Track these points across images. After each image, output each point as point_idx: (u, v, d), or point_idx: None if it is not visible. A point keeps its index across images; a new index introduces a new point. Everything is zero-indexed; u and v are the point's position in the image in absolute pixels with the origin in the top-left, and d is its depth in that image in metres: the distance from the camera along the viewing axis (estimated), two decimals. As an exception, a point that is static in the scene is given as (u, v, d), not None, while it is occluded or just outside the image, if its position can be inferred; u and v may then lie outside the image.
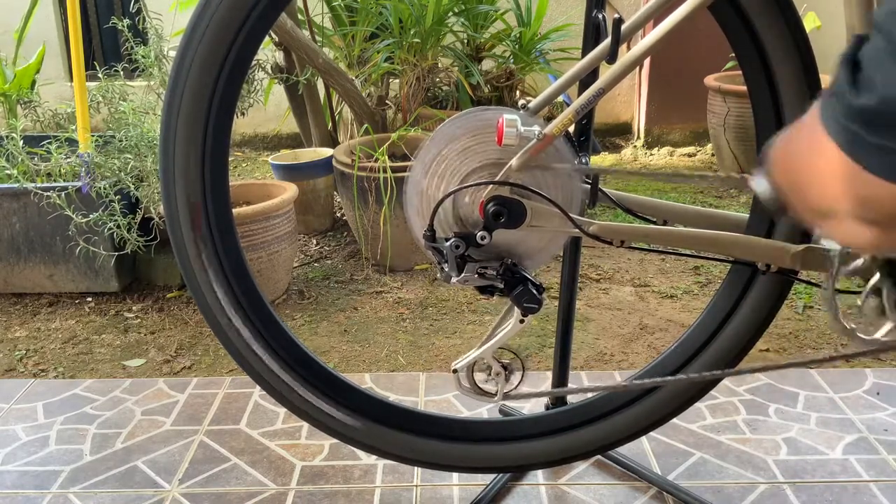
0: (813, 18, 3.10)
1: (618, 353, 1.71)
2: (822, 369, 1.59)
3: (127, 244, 1.91)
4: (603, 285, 2.07)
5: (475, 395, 0.95)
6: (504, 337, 0.91)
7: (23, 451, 1.39)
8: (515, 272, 0.88)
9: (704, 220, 0.93)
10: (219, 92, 0.89)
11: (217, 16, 0.86)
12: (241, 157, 3.53)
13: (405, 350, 1.76)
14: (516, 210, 0.85)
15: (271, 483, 1.29)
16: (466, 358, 0.93)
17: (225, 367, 1.70)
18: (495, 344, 0.92)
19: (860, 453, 1.33)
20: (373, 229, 2.14)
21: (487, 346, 0.92)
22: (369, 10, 2.58)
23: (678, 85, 3.33)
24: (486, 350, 0.92)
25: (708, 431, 1.40)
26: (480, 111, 0.85)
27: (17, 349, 1.81)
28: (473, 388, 0.94)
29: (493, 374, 0.94)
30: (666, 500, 1.22)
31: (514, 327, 0.90)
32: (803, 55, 0.89)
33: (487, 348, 0.92)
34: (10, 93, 2.48)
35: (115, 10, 3.63)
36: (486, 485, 1.25)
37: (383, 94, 2.64)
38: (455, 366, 0.94)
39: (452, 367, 0.94)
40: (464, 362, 0.93)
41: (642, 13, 0.84)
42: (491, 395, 0.95)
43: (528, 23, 2.84)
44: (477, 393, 0.95)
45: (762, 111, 0.93)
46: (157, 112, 2.07)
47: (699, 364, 1.04)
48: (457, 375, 0.94)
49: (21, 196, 1.93)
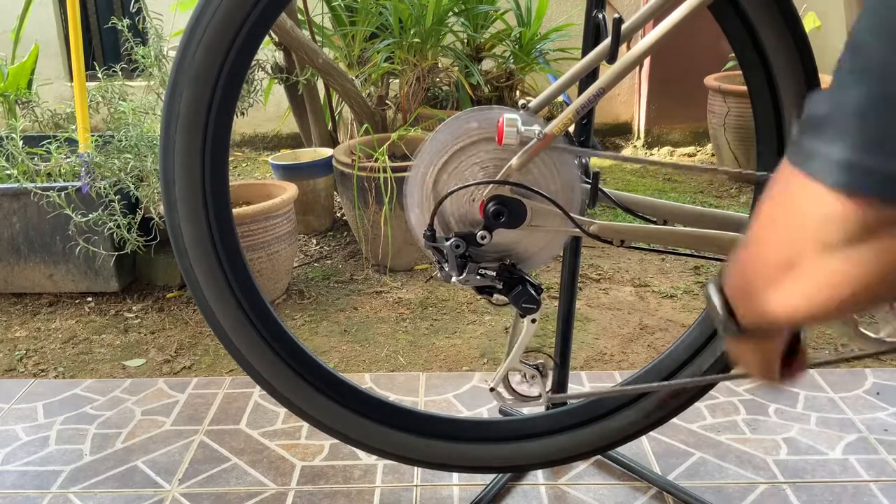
0: (813, 18, 3.10)
1: (618, 353, 1.71)
2: (822, 369, 1.59)
3: (127, 244, 1.91)
4: (603, 285, 2.07)
5: (521, 402, 0.96)
6: (523, 342, 0.92)
7: (23, 451, 1.39)
8: (514, 273, 0.88)
9: (704, 220, 0.93)
10: (218, 92, 0.89)
11: (217, 16, 0.86)
12: (241, 157, 3.53)
13: (405, 350, 1.76)
14: (517, 209, 0.85)
15: (271, 483, 1.29)
16: (498, 373, 0.94)
17: (225, 367, 1.70)
18: (518, 351, 0.93)
19: (860, 453, 1.33)
20: (373, 229, 2.14)
21: (512, 356, 0.93)
22: (369, 10, 2.58)
23: (678, 85, 3.33)
24: (512, 360, 0.93)
25: (708, 431, 1.40)
26: (479, 111, 0.85)
27: (17, 349, 1.81)
28: (517, 398, 0.96)
29: (528, 378, 0.94)
30: (666, 500, 1.22)
31: (528, 330, 0.90)
32: (803, 55, 0.89)
33: (513, 358, 0.93)
34: (8, 92, 2.48)
35: (115, 10, 3.63)
36: (486, 485, 1.25)
37: (383, 94, 2.64)
38: (491, 384, 0.95)
39: (489, 387, 0.95)
40: (497, 377, 0.94)
41: (642, 13, 0.84)
42: (536, 397, 0.95)
43: (528, 23, 2.84)
44: (522, 400, 0.95)
45: (762, 111, 0.93)
46: (156, 112, 2.07)
47: (699, 364, 1.04)
48: (495, 393, 0.95)
49: (21, 196, 1.93)
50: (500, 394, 0.95)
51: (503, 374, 0.94)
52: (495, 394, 0.95)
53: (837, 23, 2.83)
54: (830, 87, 0.43)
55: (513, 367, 0.94)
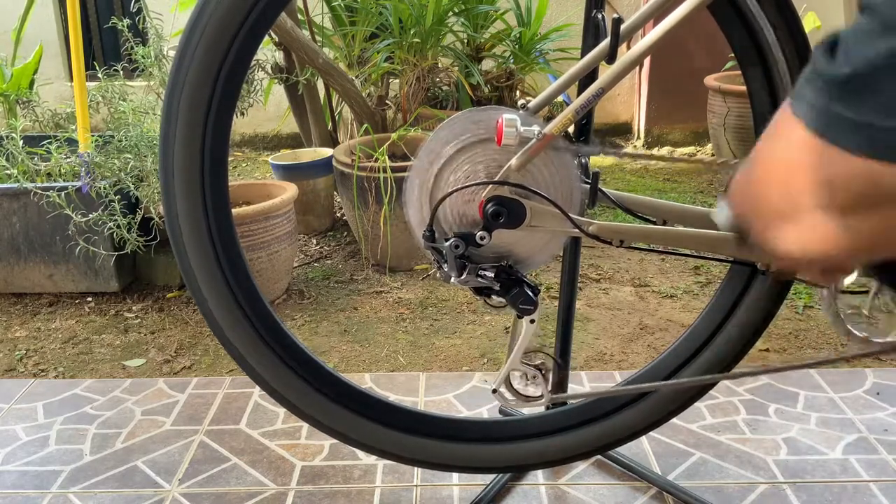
0: (813, 18, 3.10)
1: (618, 353, 1.71)
2: (822, 369, 1.59)
3: (127, 244, 1.91)
4: (603, 285, 2.07)
5: (524, 403, 0.96)
6: (523, 343, 0.92)
7: (23, 451, 1.39)
8: (512, 274, 0.88)
9: (704, 220, 0.93)
10: (218, 92, 0.89)
11: (216, 15, 0.86)
12: (241, 157, 3.53)
13: (405, 350, 1.76)
14: (516, 210, 0.85)
15: (271, 483, 1.29)
16: (499, 375, 0.95)
17: (225, 367, 1.70)
18: (518, 352, 0.93)
19: (860, 453, 1.33)
20: (373, 229, 2.14)
21: (513, 357, 0.93)
22: (369, 10, 2.58)
23: (678, 85, 3.33)
24: (512, 361, 0.93)
25: (708, 431, 1.40)
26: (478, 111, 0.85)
27: (17, 349, 1.81)
28: (519, 398, 0.96)
29: (530, 378, 0.95)
30: (666, 500, 1.22)
31: (528, 330, 0.90)
32: (803, 55, 0.89)
33: (513, 359, 0.93)
34: (9, 92, 2.48)
35: (115, 10, 3.63)
36: (486, 485, 1.25)
37: (383, 94, 2.64)
38: (493, 386, 0.95)
39: (492, 389, 0.95)
40: (499, 379, 0.95)
41: (642, 13, 0.84)
42: (538, 397, 0.96)
43: (528, 23, 2.84)
44: (524, 401, 0.96)
45: (762, 111, 0.93)
46: (156, 112, 2.07)
47: (698, 364, 1.04)
48: (497, 394, 0.95)
49: (21, 196, 1.93)
50: (502, 395, 0.95)
51: (505, 376, 0.94)
52: (498, 395, 0.95)
53: (837, 23, 2.83)
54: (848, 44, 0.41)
55: (514, 368, 0.94)
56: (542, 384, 0.95)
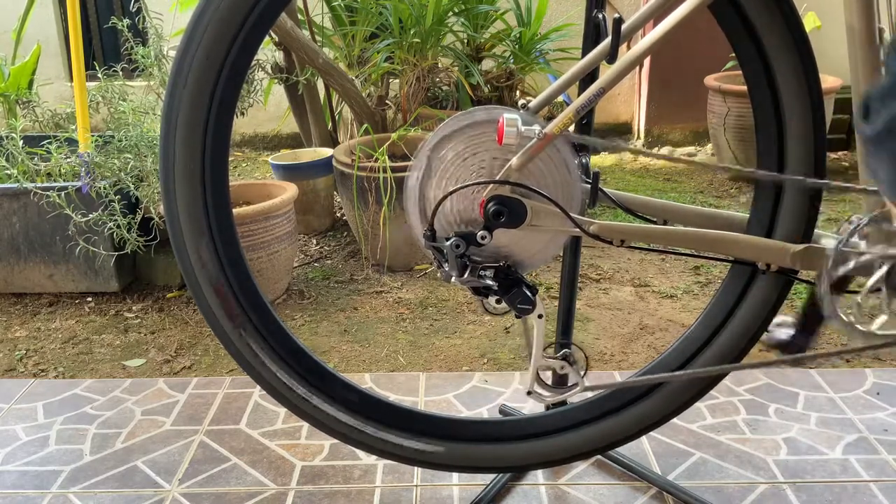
0: (813, 18, 3.11)
1: (618, 353, 1.71)
2: (822, 369, 1.59)
3: (127, 244, 1.91)
4: (603, 285, 2.07)
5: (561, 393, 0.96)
6: (539, 340, 0.92)
7: (23, 451, 1.39)
8: (510, 274, 0.88)
9: (704, 220, 0.93)
10: (219, 92, 0.89)
11: (217, 15, 0.86)
12: (241, 157, 3.53)
13: (405, 350, 1.76)
14: (517, 209, 0.85)
15: (271, 483, 1.29)
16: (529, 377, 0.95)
17: (225, 367, 1.70)
18: (539, 348, 0.93)
19: (860, 453, 1.33)
20: (373, 229, 2.14)
21: (535, 355, 0.93)
22: (369, 10, 2.58)
23: (678, 85, 3.33)
24: (536, 359, 0.93)
25: (708, 431, 1.40)
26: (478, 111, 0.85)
27: (17, 349, 1.81)
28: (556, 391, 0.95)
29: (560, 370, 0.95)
30: (666, 500, 1.22)
31: (539, 327, 0.91)
32: (803, 55, 0.89)
33: (536, 357, 0.93)
34: (9, 92, 2.48)
35: (115, 10, 3.63)
36: (486, 485, 1.25)
37: (383, 94, 2.64)
38: (529, 388, 0.95)
39: (526, 392, 0.95)
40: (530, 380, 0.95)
41: (642, 13, 0.84)
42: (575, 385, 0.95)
43: (528, 23, 2.84)
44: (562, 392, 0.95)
45: (762, 111, 0.93)
46: (156, 112, 2.07)
47: (699, 364, 1.04)
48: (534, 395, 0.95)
49: (21, 196, 1.93)
50: (539, 394, 0.95)
51: (534, 375, 0.94)
52: (534, 395, 0.95)
53: (837, 23, 2.83)
54: None
55: (540, 365, 0.94)
56: (574, 371, 0.95)
